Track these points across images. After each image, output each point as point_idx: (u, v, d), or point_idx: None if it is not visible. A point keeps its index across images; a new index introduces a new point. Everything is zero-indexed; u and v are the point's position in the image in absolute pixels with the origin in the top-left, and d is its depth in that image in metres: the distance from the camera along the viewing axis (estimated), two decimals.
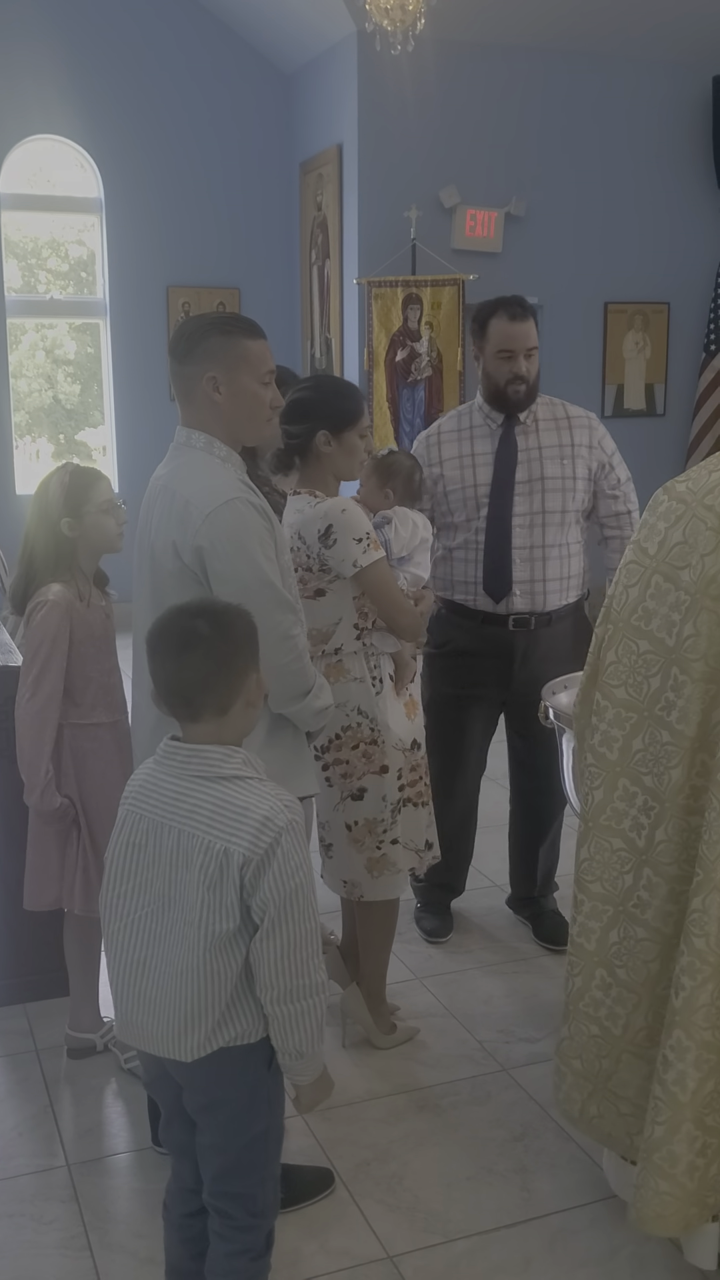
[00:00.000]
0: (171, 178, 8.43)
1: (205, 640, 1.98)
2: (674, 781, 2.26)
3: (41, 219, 8.71)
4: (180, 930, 1.97)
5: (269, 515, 2.48)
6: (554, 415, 3.70)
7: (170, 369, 2.54)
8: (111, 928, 2.08)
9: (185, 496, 2.41)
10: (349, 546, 2.90)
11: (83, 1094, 3.10)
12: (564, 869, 4.11)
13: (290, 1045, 2.00)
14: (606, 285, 8.41)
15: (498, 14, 7.46)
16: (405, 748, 3.13)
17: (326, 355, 8.35)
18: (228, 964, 1.96)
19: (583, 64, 8.01)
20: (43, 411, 9.14)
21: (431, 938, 3.84)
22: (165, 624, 2.03)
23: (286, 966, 1.95)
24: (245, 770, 2.01)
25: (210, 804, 1.97)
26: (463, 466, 3.62)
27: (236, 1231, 2.10)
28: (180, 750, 2.03)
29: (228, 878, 1.93)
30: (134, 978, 2.04)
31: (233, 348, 2.46)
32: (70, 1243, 2.57)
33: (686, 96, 8.31)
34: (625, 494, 3.76)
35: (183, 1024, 1.98)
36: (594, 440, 3.70)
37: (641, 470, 3.99)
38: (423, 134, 7.70)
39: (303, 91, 8.45)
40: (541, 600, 3.64)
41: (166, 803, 2.01)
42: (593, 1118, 2.49)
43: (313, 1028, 2.00)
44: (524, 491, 3.59)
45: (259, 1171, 2.11)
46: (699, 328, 8.69)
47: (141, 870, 2.03)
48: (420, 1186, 2.72)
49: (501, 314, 3.55)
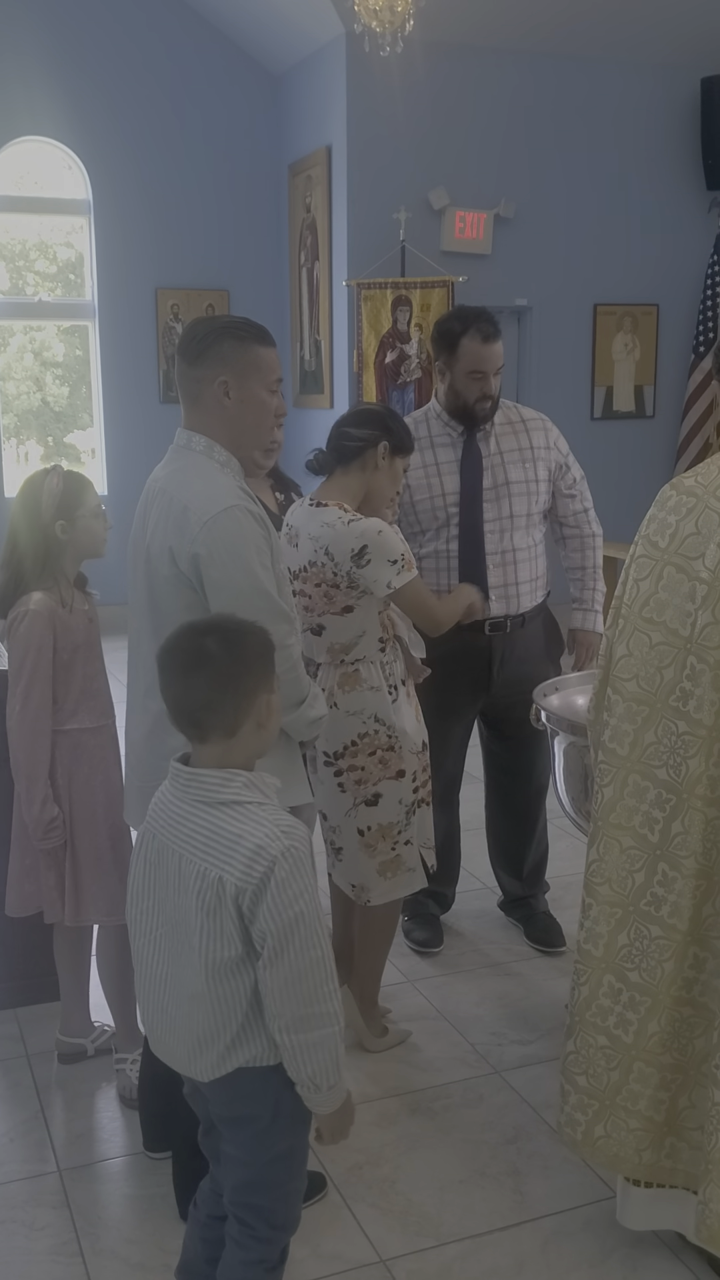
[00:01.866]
0: (160, 179, 8.42)
1: (213, 660, 1.93)
2: (692, 772, 2.24)
3: (30, 221, 8.70)
4: (187, 956, 1.95)
5: (266, 523, 2.47)
6: (509, 419, 3.69)
7: (178, 370, 2.53)
8: (137, 943, 2.08)
9: (183, 502, 2.40)
10: (383, 569, 2.93)
11: (74, 1099, 3.09)
12: (554, 870, 4.12)
13: (304, 1076, 1.94)
14: (596, 287, 8.42)
15: (487, 16, 7.47)
16: (417, 750, 3.14)
17: (316, 357, 8.35)
18: (235, 990, 1.93)
19: (571, 65, 8.02)
20: (31, 414, 9.13)
21: (423, 948, 3.83)
22: (175, 641, 1.99)
23: (293, 994, 1.89)
24: (245, 795, 1.95)
25: (206, 830, 1.94)
26: (428, 476, 3.61)
27: (255, 1241, 2.09)
28: (182, 773, 2.00)
29: (224, 906, 1.89)
30: (157, 993, 2.04)
31: (245, 354, 2.46)
32: (62, 1249, 2.56)
33: (675, 98, 8.32)
34: (581, 492, 3.80)
35: (196, 1045, 1.97)
36: (550, 441, 3.73)
37: (631, 471, 4.02)
38: (412, 136, 7.71)
39: (291, 93, 8.45)
40: (516, 603, 3.67)
41: (172, 825, 2.00)
42: (598, 1139, 2.43)
43: (327, 1059, 1.93)
44: (491, 498, 3.61)
45: (281, 1188, 2.08)
46: (688, 329, 8.71)
47: (158, 889, 2.02)
48: (413, 1190, 2.72)
49: (474, 334, 3.51)
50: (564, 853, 4.37)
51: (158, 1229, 2.61)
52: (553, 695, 3.20)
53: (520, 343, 8.35)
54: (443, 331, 3.59)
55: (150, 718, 2.52)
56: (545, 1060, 3.20)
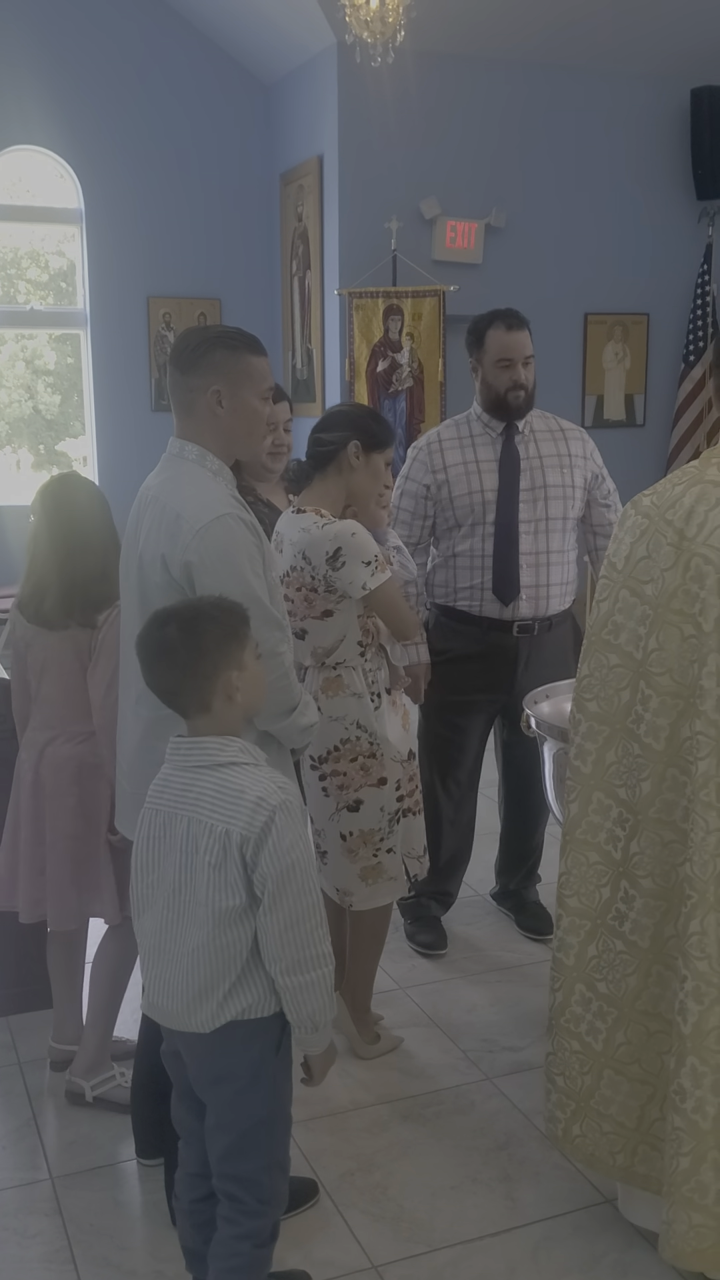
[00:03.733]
0: (152, 188, 8.43)
1: (172, 649, 2.11)
2: (644, 794, 2.27)
3: (21, 230, 8.70)
4: (193, 911, 2.09)
5: (258, 531, 2.48)
6: (549, 427, 3.81)
7: (170, 379, 2.54)
8: (142, 919, 2.21)
9: (176, 510, 2.41)
10: (357, 570, 2.94)
11: (66, 1107, 3.09)
12: (549, 875, 4.13)
13: (304, 1016, 2.10)
14: (586, 296, 8.45)
15: (478, 26, 7.50)
16: (403, 759, 3.15)
17: (308, 366, 8.36)
18: (237, 938, 2.07)
19: (563, 76, 8.05)
20: (23, 422, 9.13)
21: (429, 951, 3.85)
22: (144, 630, 2.17)
23: (291, 939, 2.05)
24: (241, 757, 2.13)
25: (212, 790, 2.10)
26: (468, 473, 3.68)
27: (244, 1216, 2.16)
28: (183, 744, 2.17)
29: (230, 857, 2.05)
30: (155, 962, 2.17)
31: (237, 363, 2.47)
32: (54, 1256, 2.56)
33: (665, 108, 8.36)
34: (615, 504, 3.90)
35: (196, 997, 2.10)
36: (587, 451, 3.84)
37: (622, 480, 4.04)
38: (403, 146, 7.73)
39: (283, 103, 8.47)
40: (545, 605, 3.72)
41: (176, 794, 2.14)
42: (576, 1138, 2.48)
43: (324, 998, 2.10)
44: (528, 499, 3.67)
45: (264, 1157, 2.17)
46: (678, 339, 8.74)
47: (160, 861, 2.16)
48: (404, 1196, 2.73)
49: (499, 324, 3.67)
50: (556, 857, 4.37)
51: (150, 1236, 2.61)
52: (544, 703, 3.21)
53: None
54: (471, 329, 3.75)
55: (142, 725, 2.52)
56: (536, 1067, 3.21)
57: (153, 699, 2.48)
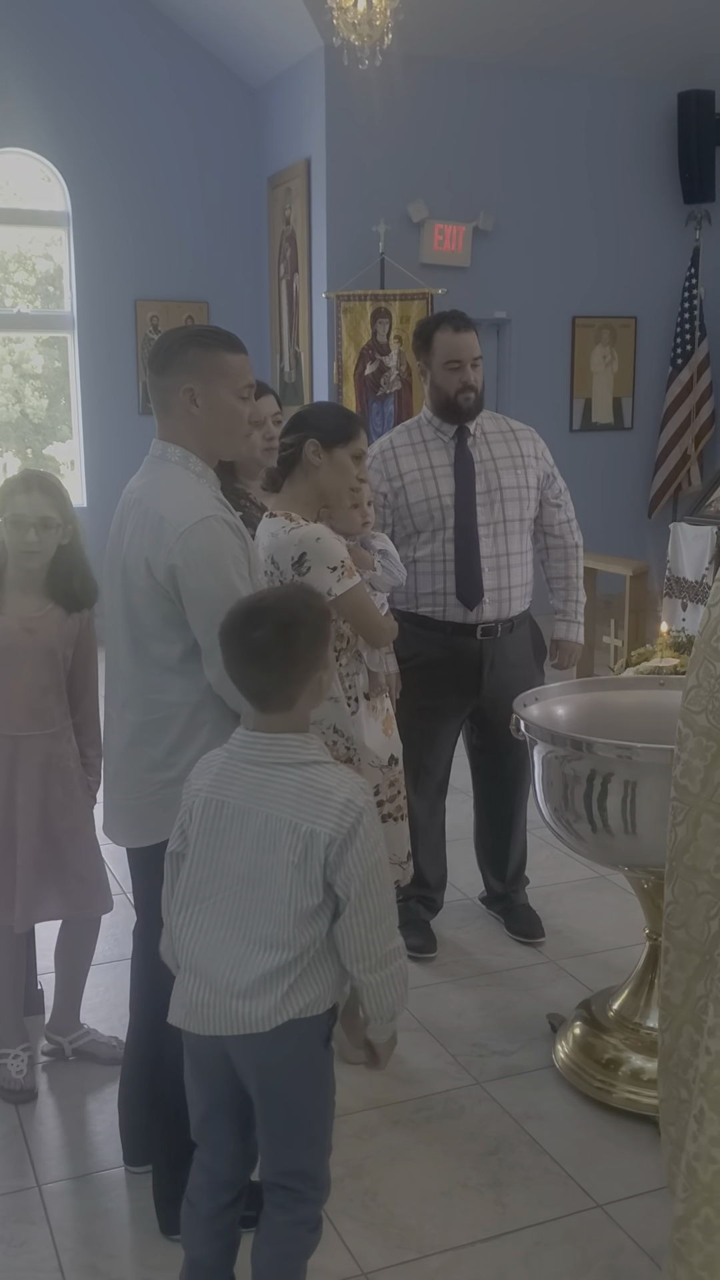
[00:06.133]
0: (139, 191, 8.43)
1: (265, 655, 2.08)
2: None
3: (8, 233, 8.68)
4: (265, 907, 2.07)
5: (243, 533, 2.47)
6: (500, 428, 3.80)
7: (148, 381, 2.54)
8: (189, 912, 2.15)
9: (159, 513, 2.39)
10: (323, 575, 2.89)
11: (53, 1114, 3.07)
12: (535, 880, 4.13)
13: (384, 1009, 2.13)
14: (574, 299, 8.46)
15: (467, 29, 7.51)
16: (383, 764, 3.12)
17: (296, 369, 8.36)
18: (309, 936, 2.08)
19: (551, 79, 8.07)
20: (10, 426, 9.10)
21: (418, 954, 3.83)
22: (230, 628, 2.12)
23: (375, 936, 2.07)
24: (322, 755, 2.13)
25: (295, 788, 2.08)
26: (424, 479, 3.66)
27: (301, 1204, 2.19)
28: (260, 740, 2.13)
29: (313, 856, 2.04)
30: (210, 958, 2.11)
31: (211, 360, 2.44)
32: (41, 1265, 2.54)
33: (653, 111, 8.38)
34: (566, 503, 3.90)
35: (255, 990, 2.07)
36: (538, 451, 3.82)
37: (610, 482, 4.05)
38: (391, 148, 7.74)
39: (271, 106, 8.47)
40: (507, 607, 3.72)
41: (250, 789, 2.11)
42: None
43: (401, 988, 2.14)
44: (484, 502, 3.67)
45: (318, 1145, 2.21)
46: (666, 342, 8.76)
47: (224, 853, 2.12)
48: (394, 1202, 2.71)
49: (446, 326, 3.65)
50: (544, 863, 4.37)
51: (138, 1244, 2.59)
52: (532, 705, 3.20)
53: (499, 355, 8.38)
54: (418, 333, 3.74)
55: (129, 730, 2.51)
56: (526, 1071, 3.20)
57: (142, 704, 2.47)
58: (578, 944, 3.91)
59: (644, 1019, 3.12)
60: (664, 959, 2.26)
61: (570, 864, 4.41)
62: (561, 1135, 2.93)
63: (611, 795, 2.85)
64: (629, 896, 3.73)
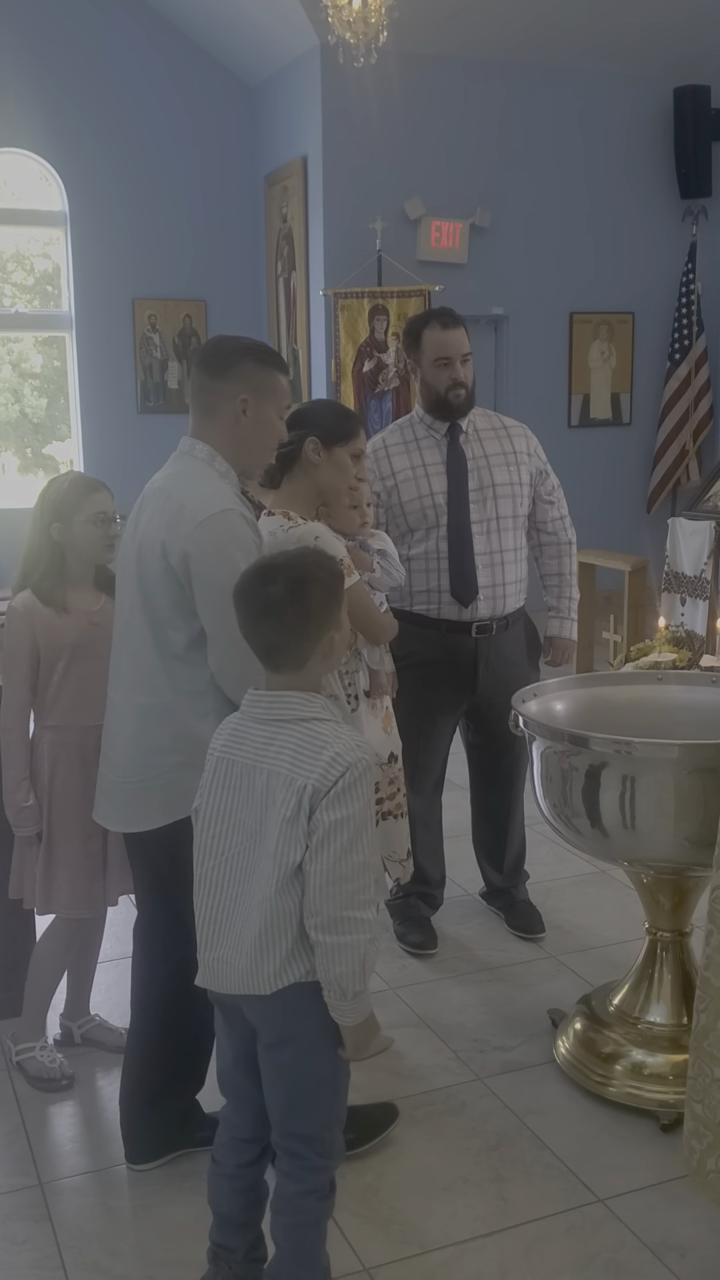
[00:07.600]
0: (136, 191, 8.42)
1: (278, 608, 2.09)
2: None
3: (6, 232, 8.68)
4: (263, 864, 2.09)
5: (258, 533, 2.54)
6: (492, 425, 3.79)
7: (196, 380, 2.58)
8: (205, 867, 2.19)
9: (181, 500, 2.46)
10: None
11: (56, 1112, 3.08)
12: (535, 875, 4.13)
13: (331, 978, 2.06)
14: (571, 295, 8.46)
15: (461, 27, 7.50)
16: (383, 761, 3.13)
17: (294, 367, 8.35)
18: (299, 896, 2.06)
19: (547, 76, 8.06)
20: (9, 425, 9.10)
21: (419, 951, 3.84)
22: (245, 585, 2.14)
23: (332, 894, 2.02)
24: (324, 714, 2.14)
25: (293, 743, 2.10)
26: (416, 477, 3.66)
27: (307, 1172, 2.20)
28: (264, 698, 2.16)
29: (302, 810, 2.05)
30: (225, 915, 2.15)
31: (266, 377, 2.54)
32: (43, 1263, 2.55)
33: (649, 108, 8.38)
34: (559, 499, 3.89)
35: (259, 954, 2.09)
36: (531, 448, 3.81)
37: (607, 478, 4.04)
38: (387, 146, 7.73)
39: (267, 104, 8.47)
40: (502, 605, 3.72)
41: (257, 747, 2.13)
42: (710, 1173, 2.31)
43: (354, 964, 2.05)
44: (477, 499, 3.67)
45: (326, 1114, 2.21)
46: (663, 337, 8.76)
47: (235, 811, 2.14)
48: (396, 1198, 2.72)
49: (434, 323, 3.65)
50: (545, 858, 4.38)
51: (140, 1241, 2.60)
52: (531, 701, 3.20)
53: (497, 351, 8.38)
54: (407, 331, 3.75)
55: (137, 713, 2.54)
56: (527, 1066, 3.21)
57: (151, 685, 2.50)
58: (578, 939, 3.91)
59: (644, 1013, 3.12)
60: (707, 942, 2.32)
61: (570, 859, 4.42)
62: (562, 1130, 2.94)
63: (610, 790, 2.85)
64: (629, 891, 3.74)
